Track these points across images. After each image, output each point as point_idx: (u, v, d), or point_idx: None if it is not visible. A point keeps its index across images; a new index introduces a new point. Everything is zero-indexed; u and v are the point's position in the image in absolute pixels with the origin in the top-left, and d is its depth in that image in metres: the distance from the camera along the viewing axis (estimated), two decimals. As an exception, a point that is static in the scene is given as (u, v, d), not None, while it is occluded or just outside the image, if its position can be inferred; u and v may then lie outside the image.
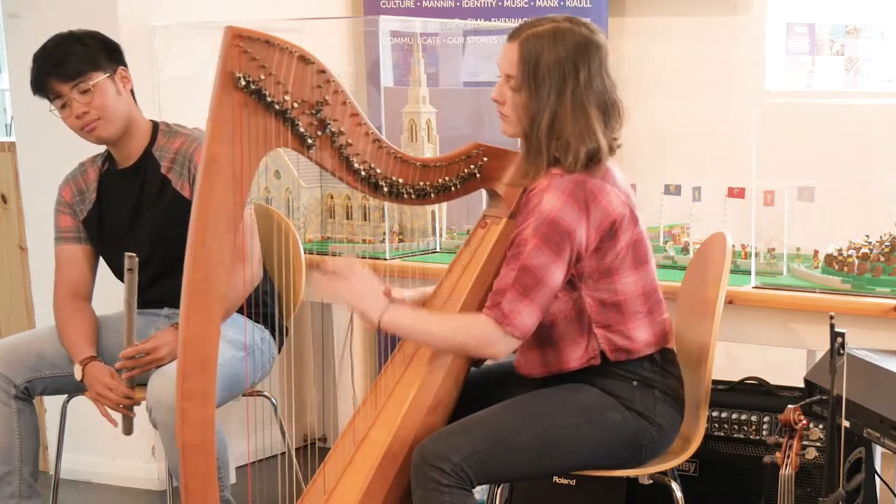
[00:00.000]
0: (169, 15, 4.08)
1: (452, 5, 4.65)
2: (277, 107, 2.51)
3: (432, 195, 2.78)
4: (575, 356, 2.68)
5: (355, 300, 2.63)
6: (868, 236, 3.23)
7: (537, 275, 2.54)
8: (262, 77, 2.47)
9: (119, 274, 3.33)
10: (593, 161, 2.60)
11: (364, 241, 3.85)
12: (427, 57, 4.13)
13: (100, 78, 3.13)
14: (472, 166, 2.79)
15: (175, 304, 3.25)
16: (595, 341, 2.67)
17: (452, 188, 2.79)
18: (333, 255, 3.75)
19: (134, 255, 3.03)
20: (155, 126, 3.29)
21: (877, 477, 3.22)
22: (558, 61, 2.58)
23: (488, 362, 2.91)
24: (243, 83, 2.46)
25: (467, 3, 4.65)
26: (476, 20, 4.58)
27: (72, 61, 3.11)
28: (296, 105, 2.52)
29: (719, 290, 2.81)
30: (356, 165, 2.64)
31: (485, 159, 2.79)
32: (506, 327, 2.55)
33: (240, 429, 3.94)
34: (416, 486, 2.56)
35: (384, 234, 3.80)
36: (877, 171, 4.27)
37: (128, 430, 3.19)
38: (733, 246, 2.96)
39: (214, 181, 2.46)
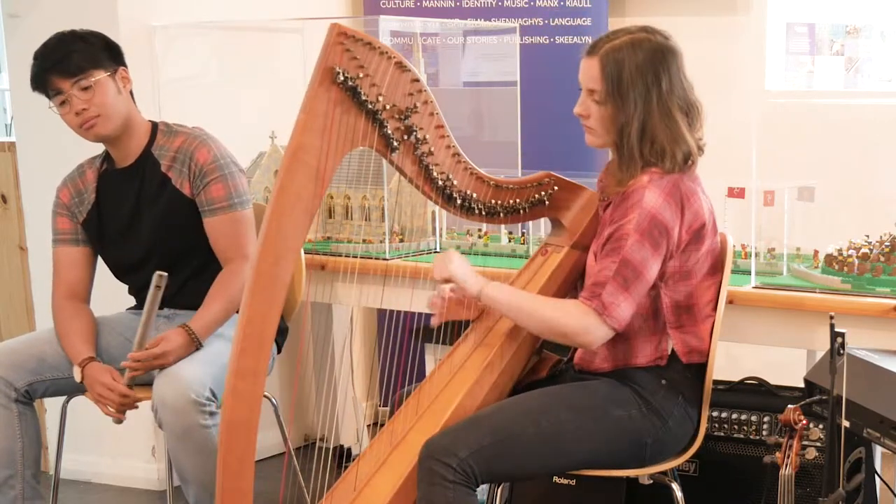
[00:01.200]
0: (169, 15, 4.08)
1: (452, 5, 4.65)
2: (370, 106, 2.56)
3: (501, 215, 2.84)
4: (644, 353, 2.72)
5: (459, 274, 2.72)
6: (868, 236, 3.23)
7: (638, 269, 2.60)
8: (360, 76, 2.53)
9: (118, 273, 3.33)
10: (688, 163, 2.69)
11: (364, 241, 3.85)
12: (427, 57, 4.13)
13: (101, 76, 3.13)
14: (542, 193, 2.85)
15: (175, 303, 3.27)
16: (667, 342, 2.72)
17: (521, 211, 2.85)
18: (334, 255, 3.74)
19: (165, 274, 3.05)
20: (154, 126, 3.29)
21: (877, 477, 3.22)
22: (640, 71, 2.66)
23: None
24: (341, 79, 2.52)
25: (467, 3, 4.65)
26: (476, 20, 4.58)
27: (74, 58, 3.11)
28: (387, 108, 2.59)
29: (719, 290, 2.81)
30: (435, 174, 2.71)
31: (555, 188, 2.86)
32: (606, 318, 2.60)
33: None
34: (421, 481, 2.57)
35: (384, 234, 3.80)
36: (877, 171, 4.27)
37: (118, 420, 3.19)
38: (733, 246, 2.96)
39: (298, 169, 2.51)
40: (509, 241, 3.78)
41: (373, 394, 4.68)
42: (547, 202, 2.86)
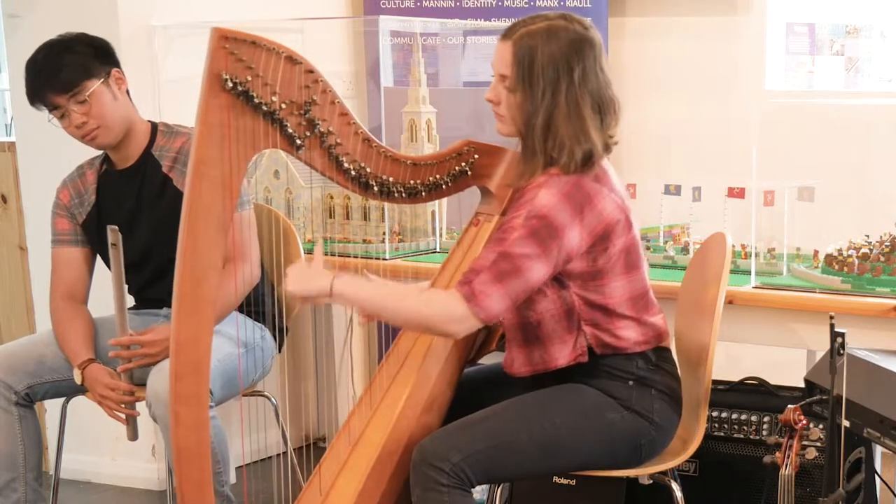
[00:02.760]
0: (169, 15, 4.08)
1: (452, 5, 4.65)
2: (265, 108, 2.49)
3: (423, 194, 2.76)
4: (562, 354, 2.67)
5: (301, 283, 2.58)
6: (868, 236, 3.23)
7: (516, 263, 2.51)
8: (250, 78, 2.46)
9: None
10: (588, 162, 2.59)
11: (364, 241, 3.85)
12: (427, 57, 4.13)
13: (95, 86, 3.12)
14: (464, 164, 2.78)
15: (170, 304, 3.26)
16: (583, 338, 2.66)
17: (443, 186, 2.77)
18: (333, 255, 3.75)
19: (116, 227, 3.01)
20: (154, 126, 3.29)
21: (877, 477, 3.22)
22: (552, 60, 2.56)
23: (481, 361, 2.90)
24: (230, 85, 2.44)
25: (467, 3, 4.65)
26: (476, 20, 4.58)
27: (65, 73, 3.09)
28: (284, 106, 2.51)
29: (719, 290, 2.81)
30: (346, 165, 2.63)
31: (476, 156, 2.79)
32: (472, 306, 2.50)
33: (240, 429, 3.95)
34: (415, 486, 2.56)
35: (384, 234, 3.81)
36: (877, 171, 4.27)
37: (132, 435, 3.18)
38: (733, 246, 2.96)
39: (203, 184, 2.45)
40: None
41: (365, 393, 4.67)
42: (469, 171, 2.78)
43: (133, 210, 3.25)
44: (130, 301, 3.40)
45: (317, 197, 3.95)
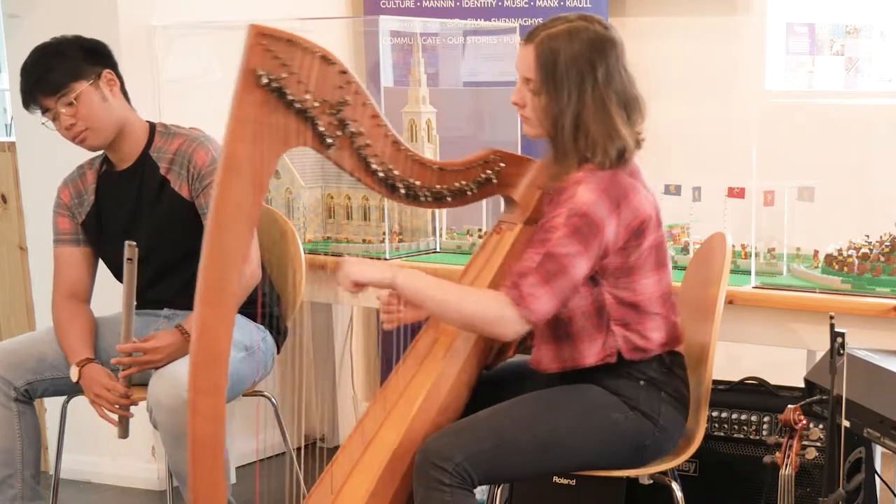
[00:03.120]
0: (169, 15, 4.08)
1: (452, 5, 4.65)
2: (298, 105, 2.50)
3: (449, 199, 2.78)
4: (591, 352, 2.67)
5: (363, 270, 2.62)
6: (868, 236, 3.23)
7: (562, 263, 2.53)
8: (284, 75, 2.47)
9: (117, 275, 3.33)
10: (622, 158, 2.62)
11: (364, 241, 3.85)
12: (427, 57, 4.13)
13: (83, 87, 3.11)
14: (489, 171, 2.80)
15: (174, 304, 3.27)
16: (613, 339, 2.67)
17: (469, 192, 2.80)
18: (334, 255, 3.75)
19: (134, 243, 3.02)
20: (152, 127, 3.29)
21: (877, 477, 3.22)
22: (575, 61, 2.58)
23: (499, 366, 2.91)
24: (265, 81, 2.46)
25: (467, 3, 4.65)
26: (476, 20, 4.58)
27: (52, 75, 3.09)
28: (316, 104, 2.52)
29: (719, 290, 2.81)
30: (374, 166, 2.65)
31: (501, 165, 2.81)
32: (522, 309, 2.53)
33: (240, 429, 3.95)
34: (418, 486, 2.56)
35: (384, 234, 3.81)
36: (877, 171, 4.27)
37: (123, 433, 3.18)
38: (733, 246, 2.96)
39: (233, 180, 2.46)
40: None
41: (373, 394, 4.68)
42: (495, 180, 2.80)
43: (132, 211, 3.25)
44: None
45: (317, 197, 3.95)
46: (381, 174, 2.66)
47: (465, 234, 3.90)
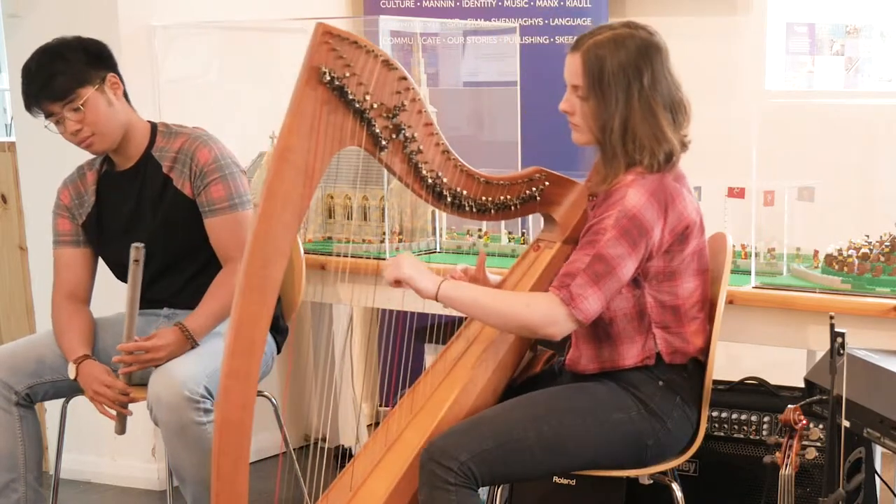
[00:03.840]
0: (169, 15, 4.08)
1: (452, 5, 4.65)
2: (357, 105, 2.55)
3: (492, 212, 2.82)
4: (631, 354, 2.70)
5: (413, 274, 2.67)
6: (868, 236, 3.23)
7: (611, 264, 2.57)
8: (347, 75, 2.52)
9: (118, 274, 3.33)
10: (670, 161, 2.66)
11: (364, 241, 3.85)
12: (427, 57, 4.13)
13: (88, 93, 3.11)
14: (534, 189, 2.83)
15: (174, 303, 3.27)
16: (653, 341, 2.69)
17: (512, 207, 2.83)
18: (338, 255, 3.75)
19: (141, 245, 3.03)
20: (153, 127, 3.29)
21: (877, 477, 3.22)
22: (622, 66, 2.63)
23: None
24: (328, 79, 2.50)
25: (467, 3, 4.65)
26: (476, 20, 4.58)
27: (58, 81, 3.08)
28: (374, 107, 2.57)
29: (719, 290, 2.81)
30: (424, 172, 2.69)
31: (546, 184, 2.84)
32: (571, 309, 2.56)
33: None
34: (423, 485, 2.57)
35: (384, 234, 3.80)
36: (877, 171, 4.27)
37: (121, 429, 3.18)
38: (733, 246, 2.96)
39: (286, 171, 2.50)
40: (509, 241, 3.78)
41: (373, 394, 4.68)
42: (538, 198, 2.84)
43: (134, 211, 3.25)
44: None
45: (317, 197, 3.95)
46: (429, 181, 2.70)
47: (465, 235, 3.90)
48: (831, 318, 2.40)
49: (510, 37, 4.32)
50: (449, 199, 2.75)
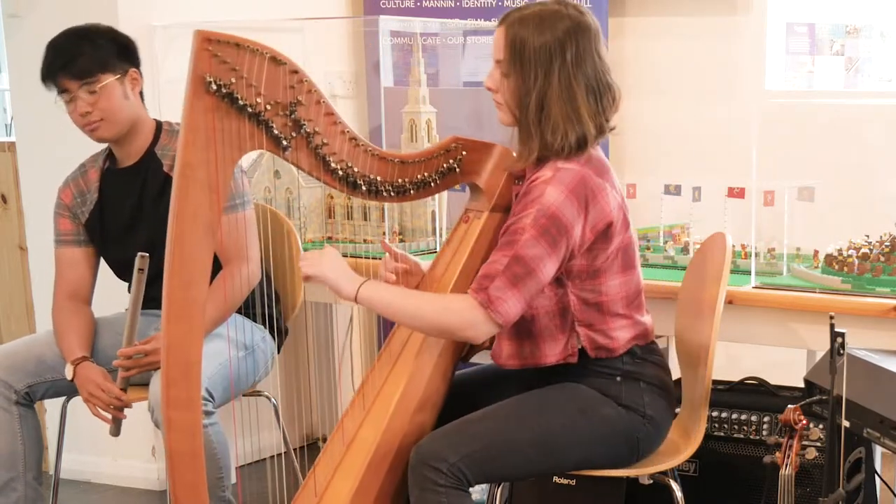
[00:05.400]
0: (169, 15, 4.08)
1: (452, 5, 4.65)
2: (250, 109, 2.48)
3: (412, 192, 2.75)
4: (552, 352, 2.67)
5: (330, 275, 2.63)
6: (868, 236, 3.23)
7: (530, 266, 2.53)
8: (234, 80, 2.45)
9: (119, 272, 3.33)
10: (582, 146, 2.60)
11: (364, 241, 3.85)
12: (427, 57, 4.13)
13: (108, 80, 3.13)
14: (451, 161, 2.77)
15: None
16: (575, 339, 2.66)
17: (432, 184, 2.77)
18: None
19: (146, 255, 3.03)
20: (158, 125, 3.29)
21: (877, 477, 3.22)
22: (544, 43, 2.58)
23: (474, 358, 2.90)
24: (214, 87, 2.43)
25: (467, 3, 4.65)
26: (476, 20, 4.58)
27: (82, 61, 3.11)
28: (269, 107, 2.50)
29: (719, 290, 2.81)
30: (333, 165, 2.62)
31: (464, 153, 2.78)
32: (490, 312, 2.52)
33: (240, 429, 3.94)
34: (413, 487, 2.56)
35: (384, 234, 3.80)
36: (877, 171, 4.27)
37: (115, 431, 3.18)
38: (733, 246, 2.96)
39: (190, 187, 2.44)
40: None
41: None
42: (458, 168, 2.77)
43: (135, 208, 3.25)
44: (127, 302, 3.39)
45: (317, 197, 3.95)
46: (340, 172, 2.63)
47: (465, 234, 3.90)
48: (831, 318, 2.40)
49: (510, 37, 4.31)
50: (364, 188, 2.68)
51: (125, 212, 3.26)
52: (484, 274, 2.56)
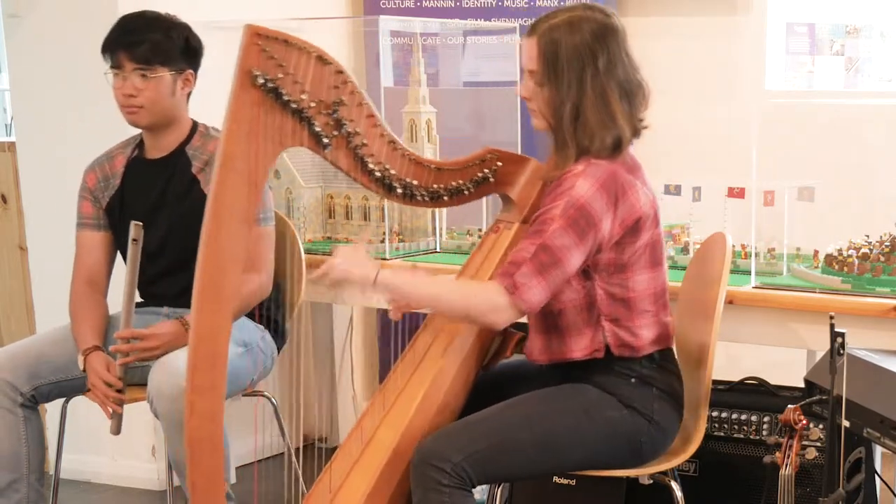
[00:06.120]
0: (169, 15, 4.07)
1: (452, 5, 4.65)
2: (294, 106, 2.52)
3: (445, 198, 2.79)
4: (580, 346, 2.68)
5: (348, 268, 2.62)
6: (868, 236, 3.23)
7: (556, 255, 2.55)
8: (280, 76, 2.49)
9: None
10: (618, 147, 2.63)
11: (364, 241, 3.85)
12: (427, 57, 4.13)
13: (164, 73, 3.16)
14: (486, 171, 2.81)
15: (176, 303, 3.26)
16: (602, 334, 2.68)
17: (466, 192, 2.81)
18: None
19: (140, 224, 3.03)
20: (194, 125, 3.30)
21: (877, 477, 3.22)
22: (576, 50, 2.61)
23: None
24: (261, 81, 2.48)
25: (467, 3, 4.65)
26: (476, 20, 4.58)
27: (146, 47, 3.13)
28: (312, 104, 2.54)
29: (719, 290, 2.81)
30: (371, 166, 2.66)
31: (499, 164, 2.82)
32: (514, 298, 2.55)
33: (240, 429, 3.94)
34: (416, 486, 2.56)
35: (384, 234, 3.80)
36: (877, 171, 4.27)
37: (115, 429, 3.17)
38: (733, 246, 2.96)
39: (229, 179, 2.48)
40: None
41: (372, 393, 4.68)
42: (492, 179, 2.81)
43: (156, 201, 3.25)
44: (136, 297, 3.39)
45: (317, 197, 3.95)
46: (377, 174, 2.67)
47: (465, 234, 3.90)
48: (831, 318, 2.40)
49: (510, 37, 4.31)
50: (399, 191, 2.72)
51: (146, 202, 3.26)
52: (511, 261, 2.59)
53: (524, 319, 2.75)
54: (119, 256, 3.35)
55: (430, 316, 2.86)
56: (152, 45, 3.14)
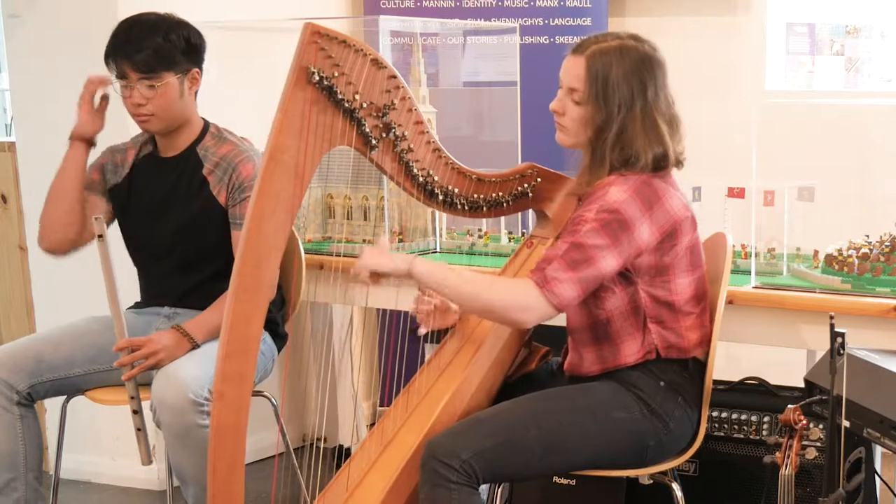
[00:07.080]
0: (169, 15, 4.07)
1: (452, 5, 4.65)
2: (346, 105, 2.56)
3: (485, 209, 2.83)
4: (632, 351, 2.71)
5: (379, 259, 2.63)
6: (868, 236, 3.23)
7: (588, 253, 2.57)
8: (336, 75, 2.53)
9: (134, 251, 3.32)
10: (660, 166, 2.66)
11: (364, 241, 3.85)
12: (427, 57, 4.13)
13: (169, 79, 3.14)
14: (526, 185, 2.85)
15: (185, 303, 3.26)
16: (650, 336, 2.70)
17: (504, 204, 2.85)
18: (337, 255, 3.75)
19: (101, 216, 3.03)
20: (206, 125, 3.29)
21: (877, 477, 3.22)
22: (626, 77, 2.64)
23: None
24: (317, 79, 2.51)
25: (467, 3, 4.65)
26: (476, 20, 4.58)
27: (147, 55, 3.11)
28: (364, 106, 2.58)
29: (719, 290, 2.81)
30: (415, 171, 2.70)
31: (538, 180, 2.86)
32: (545, 292, 2.56)
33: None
34: (424, 483, 2.57)
35: (384, 233, 3.80)
36: (877, 171, 4.27)
37: (147, 459, 3.18)
38: (733, 246, 2.96)
39: (277, 170, 2.51)
40: (509, 241, 3.78)
41: (372, 394, 4.68)
42: (531, 194, 2.86)
43: (164, 199, 3.25)
44: (130, 300, 3.39)
45: (317, 197, 3.95)
46: (420, 179, 2.72)
47: (465, 235, 3.90)
48: (831, 318, 2.39)
49: (510, 37, 4.32)
50: (441, 198, 2.76)
51: (154, 196, 3.25)
52: (543, 257, 2.62)
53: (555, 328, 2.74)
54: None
55: (459, 324, 2.89)
56: (154, 52, 3.12)
